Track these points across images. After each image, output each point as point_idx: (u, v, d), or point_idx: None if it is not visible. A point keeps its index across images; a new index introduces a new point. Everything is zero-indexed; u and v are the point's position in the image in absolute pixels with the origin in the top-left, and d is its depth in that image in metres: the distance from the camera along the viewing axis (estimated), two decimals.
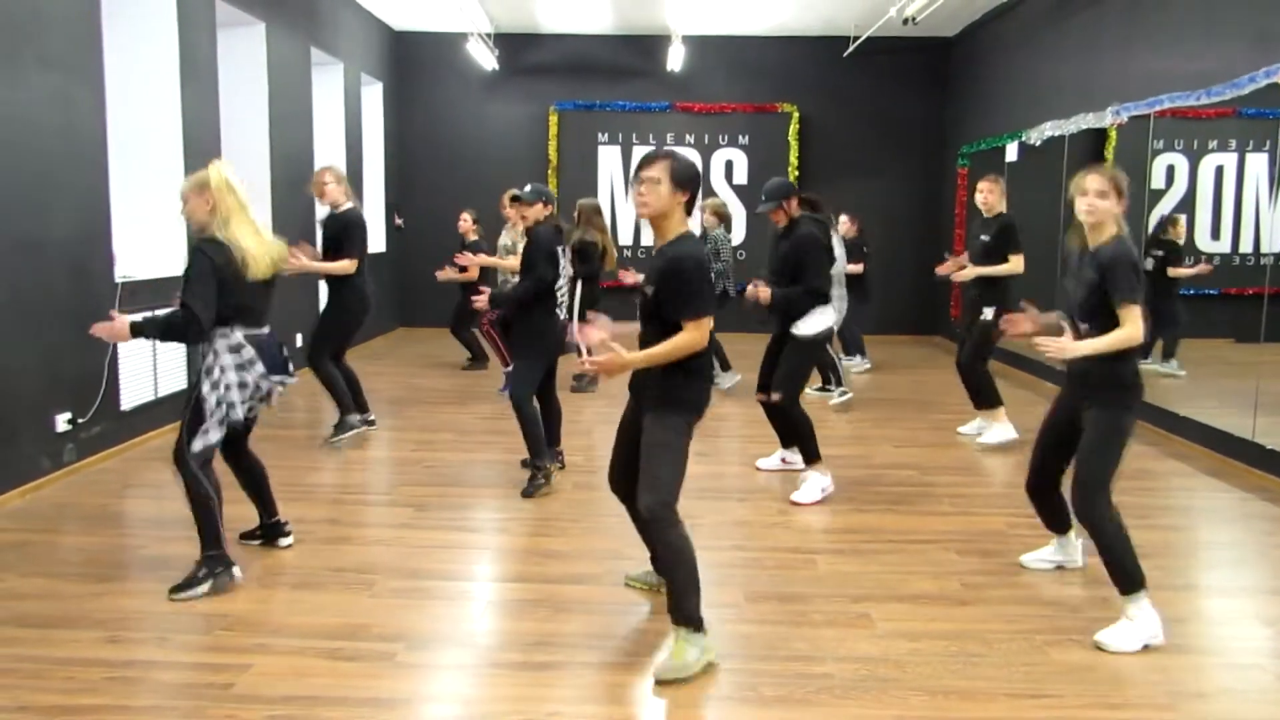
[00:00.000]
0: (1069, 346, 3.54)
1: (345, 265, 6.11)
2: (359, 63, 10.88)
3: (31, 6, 5.14)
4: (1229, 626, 3.79)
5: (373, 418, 6.63)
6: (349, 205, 6.26)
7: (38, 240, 5.18)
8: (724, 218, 8.66)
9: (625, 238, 12.42)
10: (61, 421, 5.38)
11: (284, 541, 4.40)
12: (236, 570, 3.93)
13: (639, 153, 12.41)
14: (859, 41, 11.28)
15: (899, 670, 3.26)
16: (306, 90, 9.28)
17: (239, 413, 3.87)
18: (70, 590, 3.84)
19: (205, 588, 3.81)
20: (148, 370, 6.27)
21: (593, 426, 6.87)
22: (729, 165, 12.42)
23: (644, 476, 3.28)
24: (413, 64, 12.34)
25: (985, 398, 6.60)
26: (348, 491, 5.46)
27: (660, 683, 3.15)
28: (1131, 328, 3.48)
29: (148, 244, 6.61)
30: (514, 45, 12.20)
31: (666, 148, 3.45)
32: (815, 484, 5.27)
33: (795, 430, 5.36)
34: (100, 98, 5.81)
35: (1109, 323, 3.52)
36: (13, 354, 5.00)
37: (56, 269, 5.35)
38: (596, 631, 3.52)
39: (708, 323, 3.25)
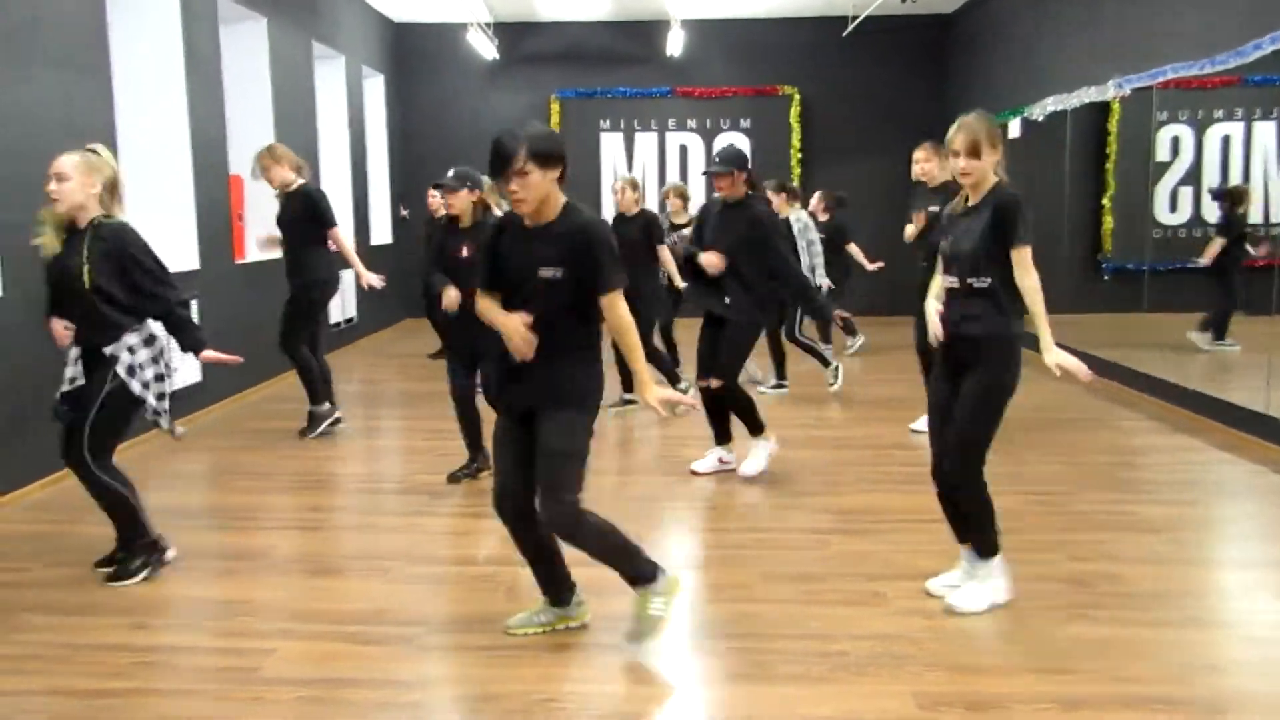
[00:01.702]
0: (1059, 358, 3.38)
1: (345, 239, 6.06)
2: (360, 55, 10.90)
3: (37, 6, 5.17)
4: (1243, 600, 3.82)
5: (340, 414, 6.45)
6: (300, 181, 6.14)
7: None
8: (794, 195, 8.22)
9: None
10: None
11: (168, 555, 4.09)
12: (170, 552, 4.00)
13: (641, 139, 12.44)
14: (857, 21, 11.28)
15: (915, 647, 3.30)
16: (309, 84, 9.31)
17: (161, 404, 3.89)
18: (92, 578, 3.89)
19: (143, 575, 3.85)
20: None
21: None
22: None
23: (550, 487, 3.07)
24: (413, 55, 12.35)
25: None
26: (362, 480, 5.51)
27: (634, 640, 3.23)
28: (1033, 274, 3.41)
29: (155, 238, 6.64)
30: (513, 34, 12.21)
31: (528, 127, 3.15)
32: (763, 451, 5.33)
33: (740, 408, 5.29)
34: (107, 94, 5.85)
35: (1001, 273, 3.42)
36: (28, 349, 5.04)
37: None
38: (612, 613, 3.55)
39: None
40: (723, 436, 5.45)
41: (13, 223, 4.93)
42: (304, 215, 6.06)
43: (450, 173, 5.01)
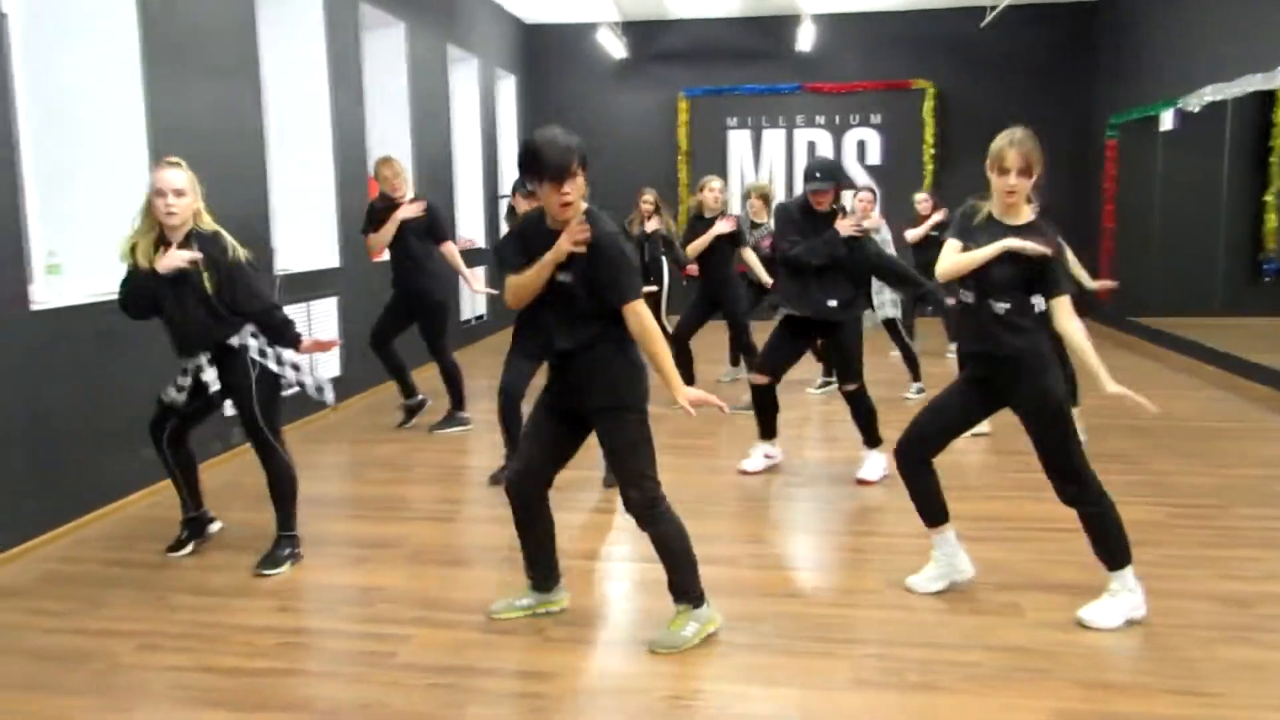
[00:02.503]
0: (1121, 390, 3.29)
1: (454, 252, 6.34)
2: (493, 57, 11.14)
3: (195, 20, 5.46)
4: None
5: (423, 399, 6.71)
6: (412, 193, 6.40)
7: None
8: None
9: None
10: (229, 407, 5.70)
11: (213, 528, 4.37)
12: (215, 524, 4.31)
13: (769, 136, 12.35)
14: (997, 11, 10.93)
15: (1051, 661, 3.19)
16: (444, 86, 9.57)
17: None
18: (242, 562, 4.09)
19: (287, 565, 4.03)
20: (304, 360, 6.57)
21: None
22: (861, 145, 12.23)
23: (628, 476, 3.23)
24: (545, 56, 12.55)
25: None
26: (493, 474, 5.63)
27: (654, 653, 3.24)
28: (1074, 318, 3.36)
29: (301, 239, 6.96)
30: (642, 33, 12.28)
31: (559, 135, 3.08)
32: (879, 464, 5.24)
33: (866, 414, 5.27)
34: (259, 102, 6.14)
35: (1025, 302, 3.38)
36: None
37: None
38: (739, 613, 3.55)
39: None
40: (768, 433, 5.43)
41: None
42: (426, 225, 6.31)
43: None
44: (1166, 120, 9.09)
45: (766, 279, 7.03)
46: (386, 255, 6.40)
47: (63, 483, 4.45)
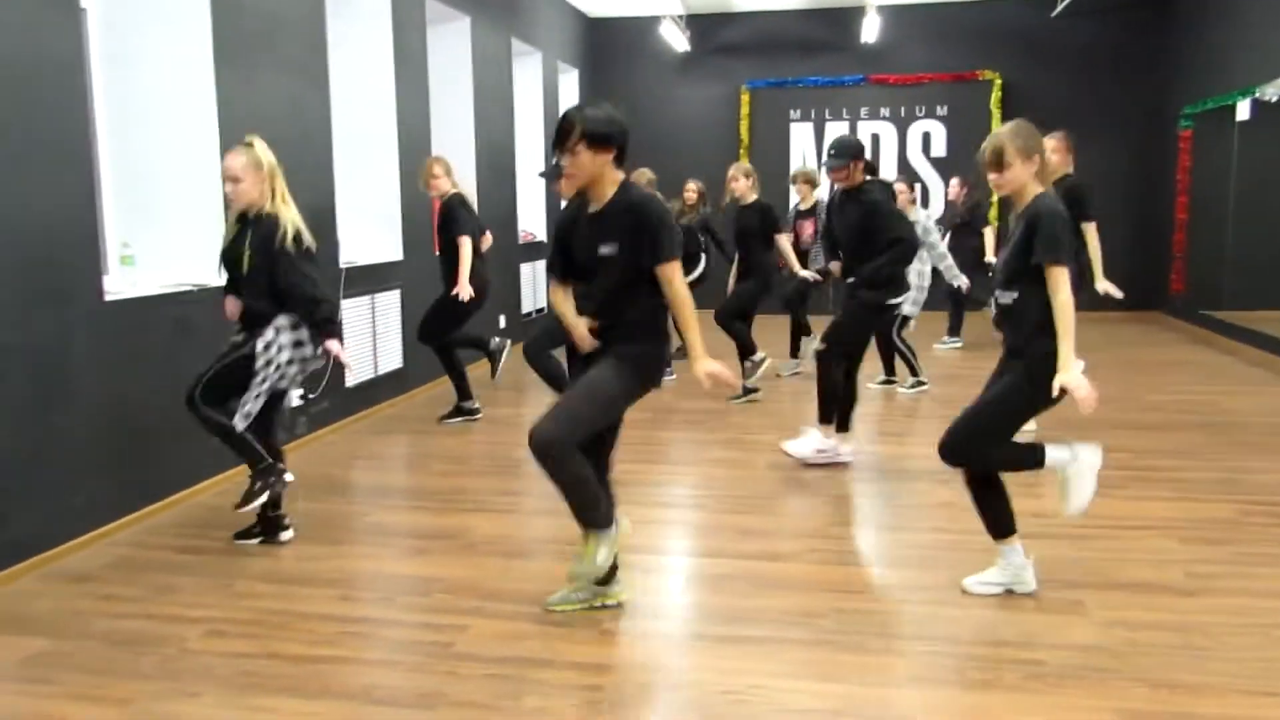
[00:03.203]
0: (1070, 380, 3.28)
1: (468, 251, 6.29)
2: (556, 51, 11.18)
3: (267, 16, 5.56)
4: None
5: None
6: (455, 189, 6.43)
7: None
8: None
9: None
10: (294, 398, 5.82)
11: (284, 536, 4.29)
12: (288, 475, 4.18)
13: (831, 129, 12.23)
14: (1067, 1, 10.69)
15: (1117, 660, 3.12)
16: (507, 80, 9.62)
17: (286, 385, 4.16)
18: (307, 552, 4.17)
19: (264, 497, 4.06)
20: (368, 352, 6.70)
21: (784, 406, 6.86)
22: (926, 137, 12.05)
23: (563, 411, 3.16)
24: (607, 50, 12.56)
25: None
26: None
27: (573, 580, 3.38)
28: (1063, 293, 3.25)
29: (366, 232, 7.05)
30: (705, 25, 12.23)
31: (583, 108, 3.23)
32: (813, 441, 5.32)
33: (825, 384, 5.27)
34: (326, 98, 6.23)
35: (1033, 290, 3.31)
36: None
37: None
38: (798, 608, 3.53)
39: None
40: (827, 418, 5.37)
41: None
42: (442, 222, 6.37)
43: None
44: (1243, 110, 8.80)
45: (798, 267, 7.15)
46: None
47: (135, 471, 4.57)
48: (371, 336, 6.74)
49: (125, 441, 4.50)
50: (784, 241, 7.18)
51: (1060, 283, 3.29)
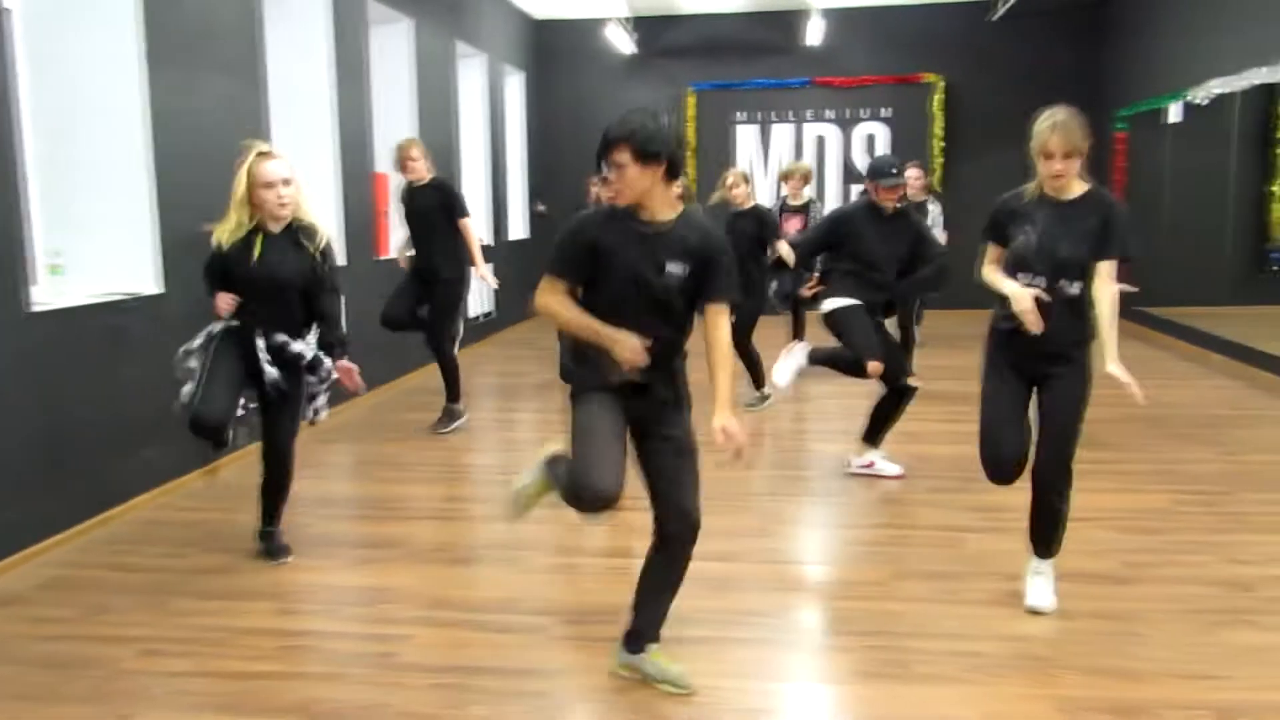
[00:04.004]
0: (1120, 369, 3.30)
1: (473, 232, 6.19)
2: (501, 53, 11.12)
3: (198, 16, 5.45)
4: None
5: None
6: (434, 173, 6.33)
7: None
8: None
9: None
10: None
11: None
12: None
13: (777, 131, 12.30)
14: (1008, 5, 10.86)
15: (1054, 649, 3.17)
16: (451, 82, 9.55)
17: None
18: (246, 565, 4.08)
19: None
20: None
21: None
22: (870, 139, 12.17)
23: (692, 491, 3.11)
24: (552, 52, 12.52)
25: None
26: (498, 472, 5.61)
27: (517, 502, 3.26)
28: (1114, 283, 3.33)
29: None
30: (651, 28, 12.24)
31: (634, 119, 2.89)
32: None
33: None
34: (263, 100, 6.13)
35: (1087, 282, 3.34)
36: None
37: None
38: (745, 609, 3.54)
39: None
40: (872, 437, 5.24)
41: (179, 222, 5.19)
42: (440, 205, 6.21)
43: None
44: (1174, 113, 9.03)
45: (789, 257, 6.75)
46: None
47: (68, 486, 4.43)
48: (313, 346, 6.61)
49: (56, 456, 4.37)
50: (783, 247, 6.76)
51: (1114, 273, 3.34)
